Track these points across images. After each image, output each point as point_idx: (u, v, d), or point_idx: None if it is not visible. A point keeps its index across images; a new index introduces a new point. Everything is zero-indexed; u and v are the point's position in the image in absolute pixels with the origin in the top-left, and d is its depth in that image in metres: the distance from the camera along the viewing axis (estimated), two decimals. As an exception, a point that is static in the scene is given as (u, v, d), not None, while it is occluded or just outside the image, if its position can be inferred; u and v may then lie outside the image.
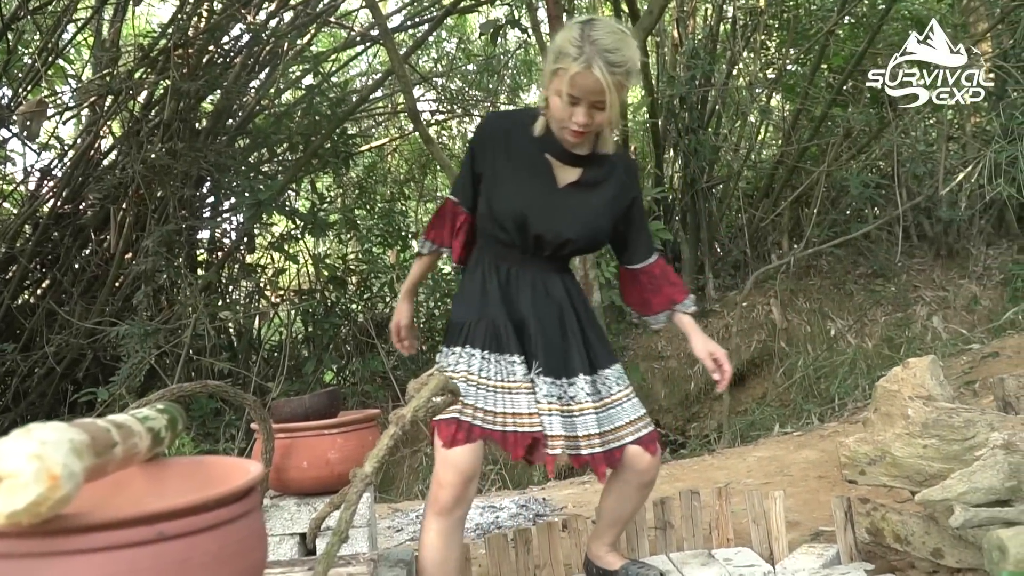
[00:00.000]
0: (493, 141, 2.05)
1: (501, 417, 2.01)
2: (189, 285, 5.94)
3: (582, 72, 1.80)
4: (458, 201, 2.14)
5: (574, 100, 1.86)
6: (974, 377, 4.65)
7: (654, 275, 2.21)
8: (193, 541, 0.77)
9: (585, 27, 1.85)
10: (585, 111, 1.87)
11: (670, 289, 2.21)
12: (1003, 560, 1.45)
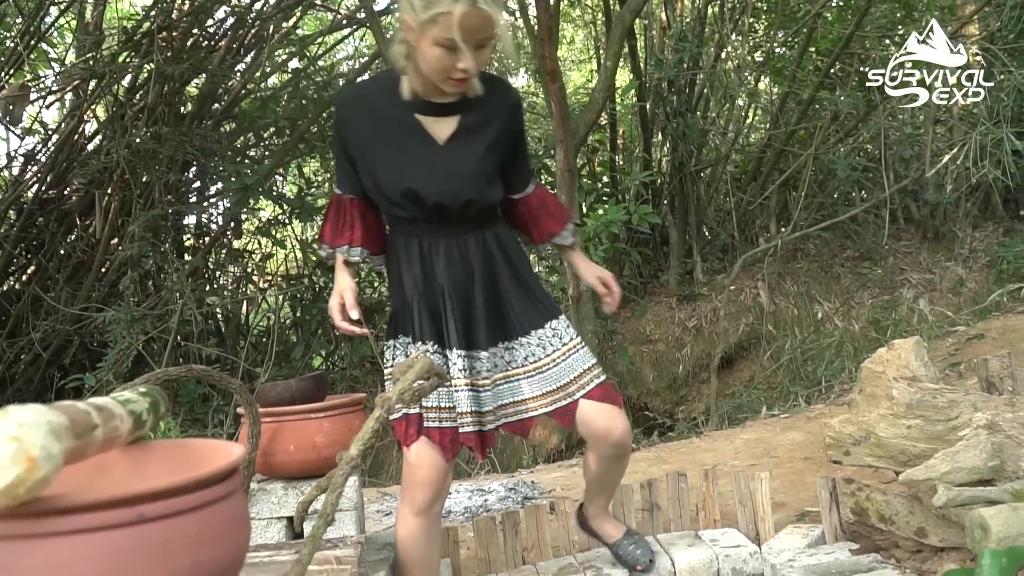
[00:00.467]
0: (354, 118, 1.92)
1: (435, 412, 1.95)
2: (176, 270, 5.91)
3: (469, 11, 1.67)
4: (343, 192, 2.01)
5: (454, 49, 1.71)
6: (959, 359, 4.68)
7: (532, 206, 2.14)
8: (174, 523, 0.76)
9: None
10: (472, 54, 1.73)
11: (548, 221, 2.15)
12: (985, 538, 1.46)
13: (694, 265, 7.35)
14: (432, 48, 1.73)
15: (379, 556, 2.10)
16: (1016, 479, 1.88)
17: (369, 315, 7.09)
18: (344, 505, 2.02)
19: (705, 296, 7.00)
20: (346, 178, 1.99)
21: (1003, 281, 5.77)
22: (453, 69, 1.75)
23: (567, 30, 9.63)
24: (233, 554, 0.82)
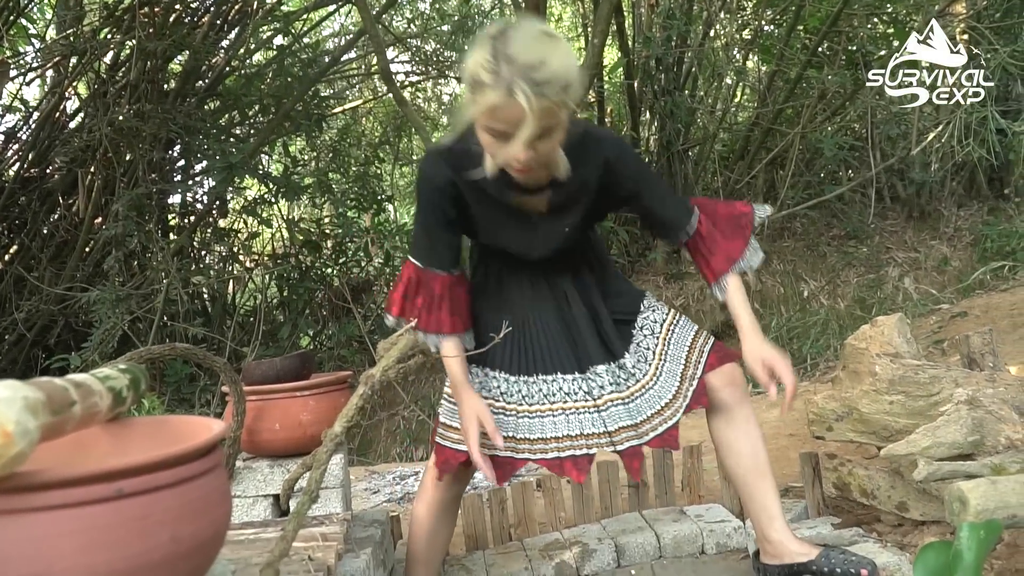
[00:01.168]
0: (444, 195, 1.77)
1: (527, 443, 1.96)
2: (161, 250, 5.87)
3: (503, 102, 1.44)
4: (425, 266, 1.84)
5: (503, 135, 1.51)
6: (943, 336, 4.72)
7: (697, 248, 1.92)
8: (153, 498, 0.76)
9: (497, 41, 1.47)
10: (522, 145, 1.51)
11: (716, 260, 1.90)
12: (963, 511, 1.48)
13: (682, 244, 7.35)
14: (482, 133, 1.56)
15: (366, 533, 2.10)
16: (995, 453, 1.90)
17: (357, 294, 7.08)
18: (330, 483, 2.02)
19: (692, 275, 7.01)
20: (440, 250, 1.82)
21: (987, 259, 5.82)
22: (506, 157, 1.56)
23: (555, 7, 9.57)
24: (213, 529, 0.82)
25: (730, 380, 1.95)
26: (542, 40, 1.49)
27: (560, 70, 1.46)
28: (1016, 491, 1.49)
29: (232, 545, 1.72)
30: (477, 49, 1.50)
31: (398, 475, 3.86)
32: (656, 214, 1.89)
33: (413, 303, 1.83)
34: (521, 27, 1.51)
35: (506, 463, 1.95)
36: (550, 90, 1.45)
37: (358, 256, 7.23)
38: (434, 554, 2.07)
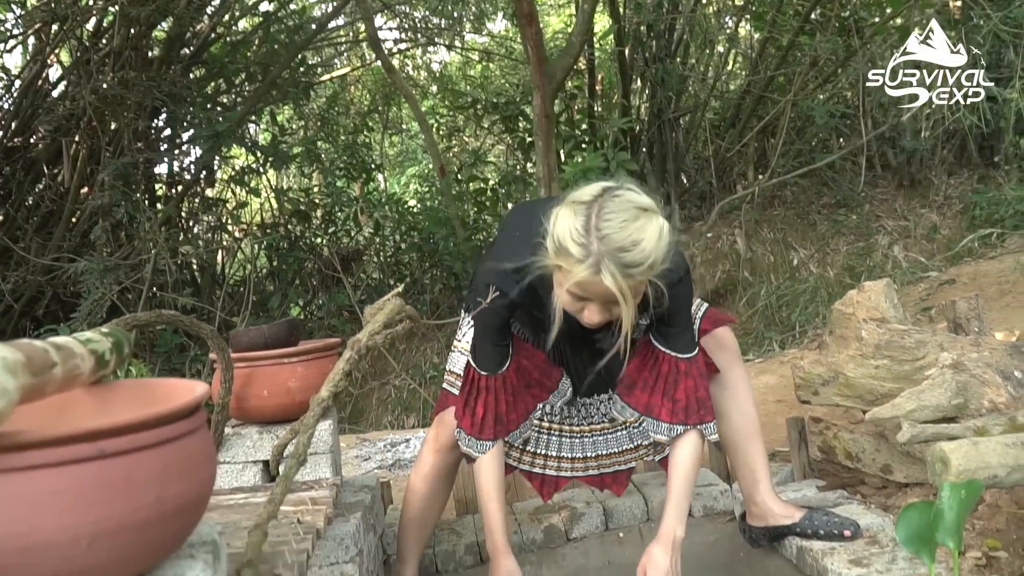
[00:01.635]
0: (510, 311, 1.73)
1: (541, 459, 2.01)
2: (148, 220, 5.83)
3: (589, 278, 1.44)
4: (492, 372, 1.79)
5: (583, 299, 1.52)
6: (931, 304, 4.75)
7: (663, 369, 1.82)
8: (136, 458, 0.76)
9: (592, 212, 1.44)
10: (599, 309, 1.52)
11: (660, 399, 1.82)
12: (945, 472, 1.50)
13: (672, 212, 7.35)
14: (559, 288, 1.55)
15: (356, 498, 2.12)
16: (979, 416, 1.92)
17: (347, 264, 7.07)
18: (319, 448, 2.03)
19: (683, 243, 7.01)
20: (503, 357, 1.78)
21: (975, 227, 5.83)
22: (581, 315, 1.57)
23: (545, -28, 9.46)
24: (198, 490, 0.82)
25: (721, 344, 1.97)
26: (637, 218, 1.44)
27: (650, 251, 1.44)
28: (997, 452, 1.50)
29: (222, 510, 1.73)
30: (570, 213, 1.47)
31: (389, 442, 3.88)
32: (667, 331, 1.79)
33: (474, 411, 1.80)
34: (618, 199, 1.46)
35: (551, 480, 2.00)
36: (638, 271, 1.44)
37: (348, 225, 7.21)
38: (428, 520, 2.09)
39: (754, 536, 2.11)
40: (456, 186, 7.30)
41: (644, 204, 1.48)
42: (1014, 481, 1.52)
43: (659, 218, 1.48)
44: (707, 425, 1.82)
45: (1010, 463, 1.50)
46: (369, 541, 2.07)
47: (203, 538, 0.96)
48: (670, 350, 1.79)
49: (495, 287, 1.67)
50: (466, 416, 1.80)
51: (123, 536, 0.75)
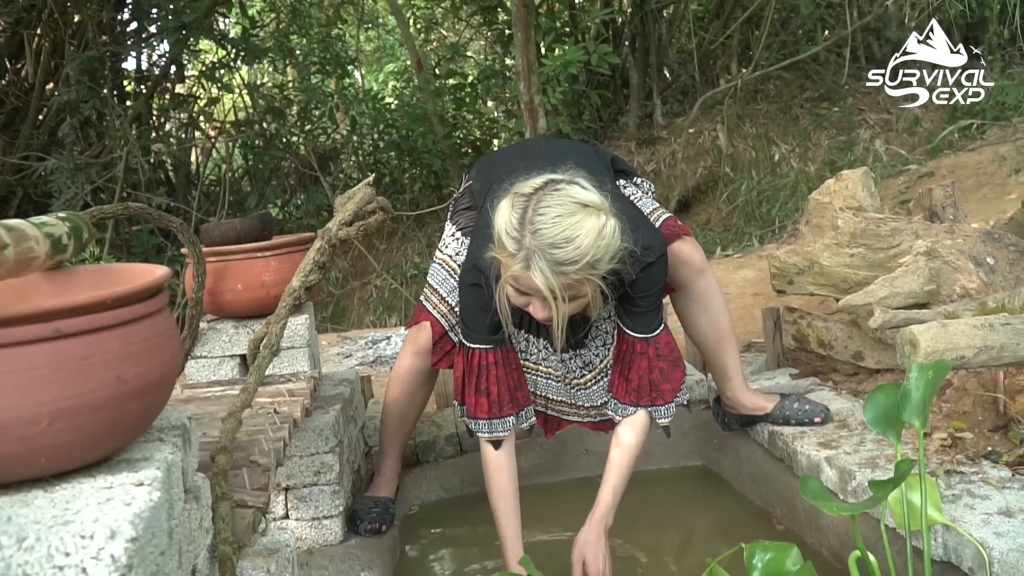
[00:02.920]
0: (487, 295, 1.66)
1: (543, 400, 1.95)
2: (118, 117, 5.66)
3: (521, 272, 1.42)
4: (496, 346, 1.71)
5: (524, 293, 1.49)
6: (909, 197, 4.75)
7: (621, 348, 1.77)
8: (94, 339, 0.75)
9: (529, 205, 1.42)
10: (541, 305, 1.48)
11: (620, 381, 1.77)
12: (914, 353, 1.52)
13: (654, 108, 7.23)
14: (506, 283, 1.51)
15: (335, 391, 2.14)
16: (950, 302, 1.94)
17: (325, 162, 6.95)
18: (296, 343, 2.03)
19: (664, 139, 6.93)
20: (496, 328, 1.69)
21: (956, 119, 5.78)
22: (529, 310, 1.53)
23: None
24: (161, 371, 0.81)
25: (679, 259, 1.87)
26: (576, 214, 1.41)
27: (587, 250, 1.40)
28: (965, 333, 1.52)
29: (198, 402, 1.74)
30: (509, 205, 1.45)
31: (370, 340, 3.91)
32: (630, 309, 1.73)
33: (488, 392, 1.72)
34: (558, 193, 1.43)
35: (553, 420, 1.99)
36: (571, 269, 1.40)
37: (324, 123, 7.05)
38: (408, 418, 2.12)
39: (726, 420, 2.16)
40: (434, 82, 7.12)
41: (586, 200, 1.44)
42: (980, 362, 1.54)
43: (602, 216, 1.43)
44: (658, 408, 1.76)
45: (977, 344, 1.52)
46: (349, 433, 2.10)
47: (172, 423, 0.96)
48: (627, 328, 1.74)
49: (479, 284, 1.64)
50: (480, 400, 1.71)
51: (83, 416, 0.74)
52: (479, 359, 1.71)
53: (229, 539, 0.97)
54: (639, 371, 1.74)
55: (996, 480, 1.56)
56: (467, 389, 1.73)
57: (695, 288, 1.94)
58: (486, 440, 1.73)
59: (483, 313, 1.66)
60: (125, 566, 0.67)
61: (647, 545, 1.93)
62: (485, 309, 1.65)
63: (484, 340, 1.70)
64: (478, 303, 1.66)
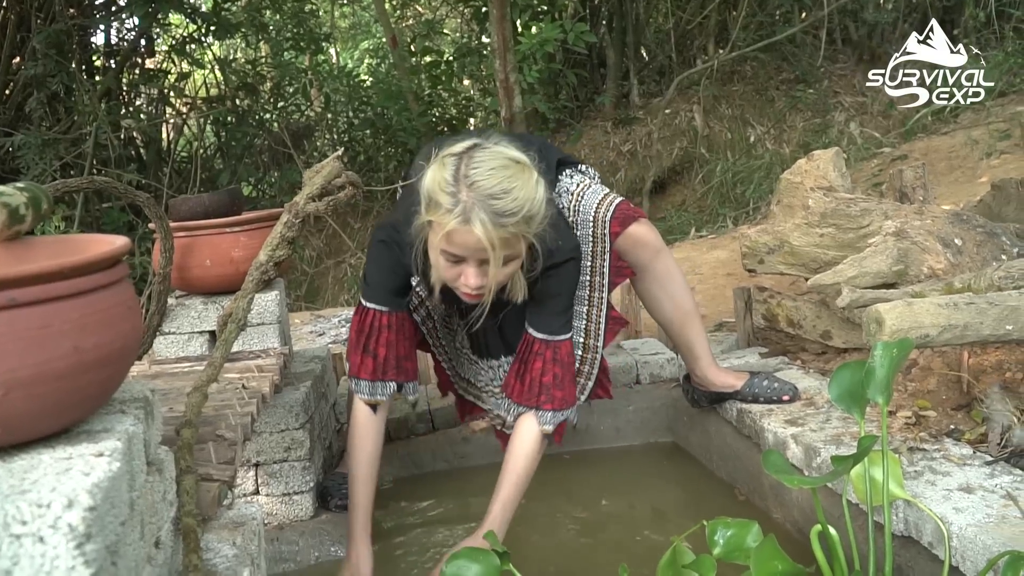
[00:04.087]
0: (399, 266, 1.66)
1: None
2: (86, 92, 5.57)
3: (459, 228, 1.38)
4: (392, 309, 1.69)
5: (457, 259, 1.44)
6: (882, 179, 4.79)
7: (521, 347, 1.73)
8: (51, 308, 0.74)
9: (461, 162, 1.40)
10: (476, 271, 1.45)
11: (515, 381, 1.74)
12: (879, 331, 1.53)
13: (630, 88, 7.22)
14: (433, 252, 1.48)
15: (306, 368, 2.13)
16: (917, 283, 1.96)
17: (298, 140, 6.88)
18: (266, 319, 2.02)
19: (640, 120, 6.93)
20: (401, 295, 1.70)
21: (931, 102, 5.82)
22: (458, 282, 1.48)
23: None
24: (120, 342, 0.80)
25: (637, 242, 1.86)
26: (509, 167, 1.40)
27: (524, 202, 1.39)
28: (930, 312, 1.54)
29: (166, 377, 1.73)
30: (438, 165, 1.42)
31: (343, 318, 3.89)
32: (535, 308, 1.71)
33: (375, 354, 1.69)
34: (488, 148, 1.42)
35: (467, 404, 2.01)
36: (510, 221, 1.38)
37: (297, 100, 6.97)
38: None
39: (696, 397, 2.17)
40: (409, 59, 7.06)
41: (517, 157, 1.44)
42: (944, 341, 1.56)
43: (533, 172, 1.44)
44: (544, 413, 1.70)
45: (942, 323, 1.54)
46: (321, 410, 2.10)
47: (134, 395, 0.95)
48: (530, 326, 1.72)
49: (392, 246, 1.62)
50: (365, 360, 1.69)
51: (41, 386, 0.73)
52: (373, 319, 1.68)
53: (193, 511, 0.96)
54: (532, 372, 1.71)
55: (957, 457, 1.59)
56: (355, 347, 1.70)
57: (654, 269, 1.93)
58: (364, 402, 1.71)
59: (388, 273, 1.64)
60: (83, 535, 0.67)
61: (614, 520, 1.95)
62: (391, 270, 1.64)
63: (382, 301, 1.67)
64: (386, 262, 1.64)
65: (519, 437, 1.71)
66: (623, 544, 1.82)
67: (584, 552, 1.78)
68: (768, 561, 1.12)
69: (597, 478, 2.18)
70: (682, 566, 1.29)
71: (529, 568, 1.63)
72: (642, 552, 1.72)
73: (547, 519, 1.94)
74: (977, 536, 1.28)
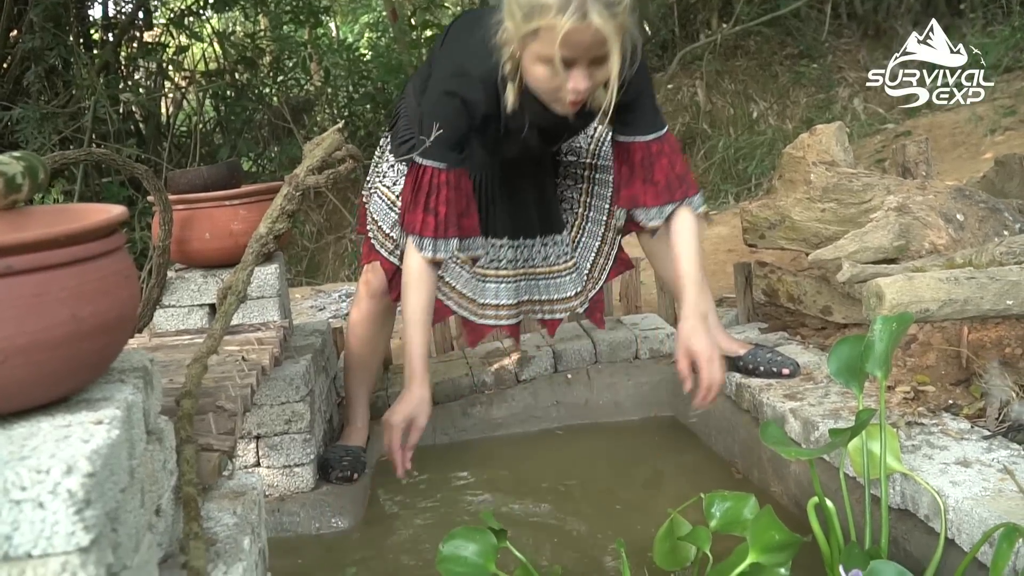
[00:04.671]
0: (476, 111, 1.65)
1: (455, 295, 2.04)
2: (84, 65, 5.52)
3: (576, 26, 1.39)
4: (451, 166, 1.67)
5: (569, 63, 1.47)
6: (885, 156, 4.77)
7: (635, 159, 1.79)
8: (48, 276, 0.74)
9: None
10: (585, 72, 1.48)
11: (641, 187, 1.78)
12: (879, 306, 1.53)
13: (632, 63, 7.17)
14: (535, 65, 1.50)
15: (306, 342, 2.13)
16: (918, 258, 1.96)
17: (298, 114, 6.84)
18: (266, 292, 2.02)
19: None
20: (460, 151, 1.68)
21: (931, 102, 5.79)
22: (564, 89, 1.51)
23: None
24: (118, 310, 0.80)
25: None
26: None
27: None
28: (930, 287, 1.54)
29: (166, 350, 1.73)
30: None
31: (344, 293, 3.89)
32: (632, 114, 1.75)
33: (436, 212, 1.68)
34: None
35: (476, 328, 2.06)
36: (619, 9, 1.42)
37: (297, 74, 6.92)
38: (370, 363, 2.12)
39: None
40: (410, 32, 7.00)
41: None
42: (944, 315, 1.56)
43: None
44: (692, 199, 1.79)
45: (942, 297, 1.54)
46: (321, 383, 2.10)
47: (133, 364, 0.95)
48: (637, 135, 1.75)
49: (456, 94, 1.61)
50: (427, 219, 1.67)
51: (38, 353, 0.73)
52: (431, 177, 1.66)
53: (193, 480, 0.97)
54: (663, 170, 1.76)
55: (955, 431, 1.59)
56: (413, 207, 1.68)
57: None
58: (427, 260, 1.70)
59: (450, 127, 1.62)
60: (82, 500, 0.67)
61: (612, 495, 1.96)
62: (453, 121, 1.62)
63: (441, 157, 1.65)
64: (448, 113, 1.62)
65: (681, 229, 1.78)
66: (622, 519, 1.83)
67: (582, 527, 1.79)
68: (766, 531, 1.13)
69: (596, 452, 2.19)
70: (678, 538, 1.30)
71: (526, 543, 1.65)
72: (640, 526, 1.73)
73: (545, 494, 1.95)
74: (973, 509, 1.29)
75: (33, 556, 0.67)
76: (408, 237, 1.71)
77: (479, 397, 2.38)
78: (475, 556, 1.25)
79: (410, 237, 1.70)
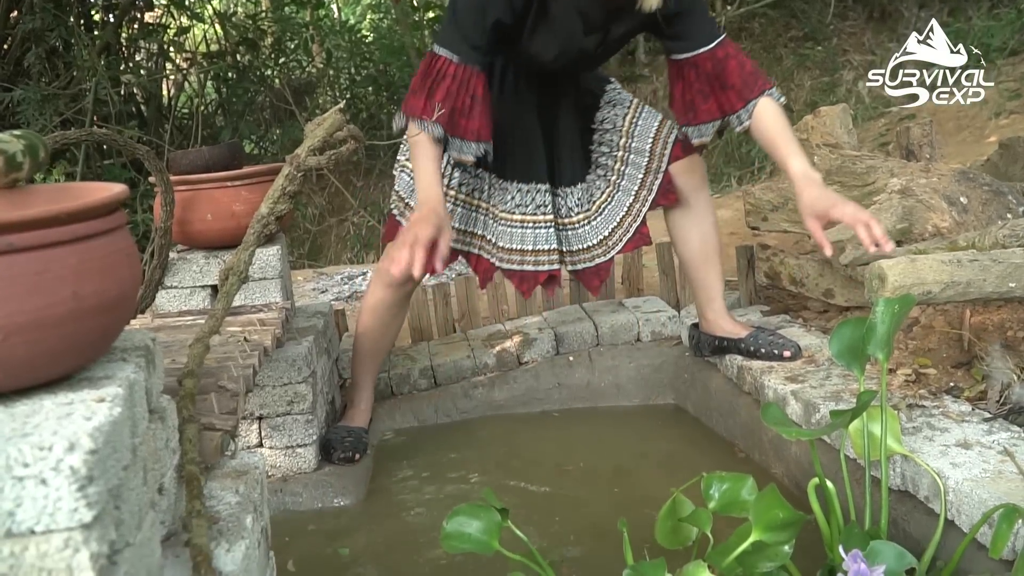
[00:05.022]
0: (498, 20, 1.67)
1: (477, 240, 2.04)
2: (85, 46, 5.50)
3: None
4: (466, 62, 1.67)
5: None
6: (889, 139, 4.75)
7: (704, 69, 1.83)
8: (49, 254, 0.73)
9: None
10: None
11: (726, 92, 1.82)
12: (882, 288, 1.53)
13: (636, 45, 7.13)
14: None
15: (308, 323, 2.13)
16: (921, 241, 1.95)
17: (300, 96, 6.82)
18: (268, 273, 2.02)
19: (646, 77, 6.86)
20: (480, 46, 1.67)
21: (931, 102, 5.75)
22: None
23: None
24: (119, 288, 0.80)
25: (691, 168, 2.01)
26: None
27: None
28: (933, 269, 1.54)
29: (168, 330, 1.73)
30: None
31: (346, 275, 3.89)
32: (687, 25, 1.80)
33: (437, 103, 1.66)
34: None
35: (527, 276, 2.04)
36: None
37: (298, 55, 6.89)
38: (380, 350, 2.12)
39: (700, 343, 2.19)
40: (412, 14, 6.96)
41: None
42: (947, 297, 1.56)
43: None
44: (771, 91, 1.86)
45: (945, 280, 1.53)
46: (323, 364, 2.11)
47: (135, 343, 0.95)
48: (702, 47, 1.80)
49: None
50: (420, 99, 1.67)
51: (40, 331, 0.73)
52: (440, 65, 1.67)
53: (195, 459, 0.97)
54: (734, 71, 1.81)
55: (956, 414, 1.60)
56: (418, 92, 1.69)
57: (696, 202, 2.05)
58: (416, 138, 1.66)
59: (478, 14, 1.62)
60: (85, 477, 0.67)
61: (614, 476, 1.96)
62: (483, 10, 1.62)
63: (456, 47, 1.65)
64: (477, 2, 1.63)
65: (768, 117, 1.83)
66: (623, 499, 1.84)
67: (584, 507, 1.80)
68: (769, 509, 1.13)
69: (598, 434, 2.20)
70: (679, 519, 1.30)
71: (529, 524, 1.65)
72: (642, 506, 1.73)
73: (547, 475, 1.96)
74: (973, 490, 1.29)
75: (36, 532, 0.67)
76: (401, 118, 1.73)
77: (481, 379, 2.38)
78: (479, 533, 1.25)
79: (402, 118, 1.73)
